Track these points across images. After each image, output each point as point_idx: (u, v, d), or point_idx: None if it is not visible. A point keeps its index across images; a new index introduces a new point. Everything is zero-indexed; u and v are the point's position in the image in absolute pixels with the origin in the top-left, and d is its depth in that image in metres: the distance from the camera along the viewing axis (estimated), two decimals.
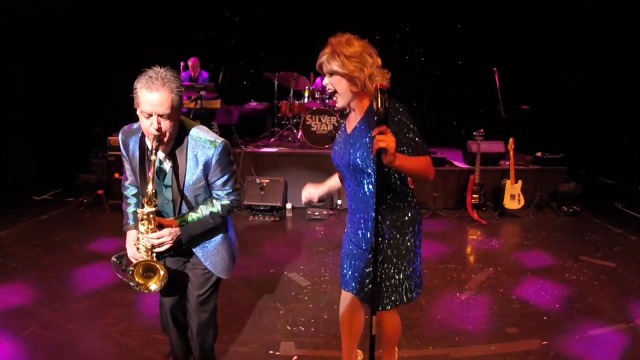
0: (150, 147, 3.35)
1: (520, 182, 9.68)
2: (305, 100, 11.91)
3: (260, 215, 9.69)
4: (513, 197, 9.68)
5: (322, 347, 4.93)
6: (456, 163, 11.02)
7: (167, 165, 3.49)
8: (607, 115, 11.81)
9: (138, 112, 3.29)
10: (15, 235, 8.24)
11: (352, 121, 3.67)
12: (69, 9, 11.04)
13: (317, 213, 9.53)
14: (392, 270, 3.63)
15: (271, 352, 4.86)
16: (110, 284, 6.35)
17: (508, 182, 9.67)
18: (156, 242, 3.43)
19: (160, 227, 3.47)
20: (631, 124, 11.21)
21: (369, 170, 3.51)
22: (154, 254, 3.53)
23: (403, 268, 3.63)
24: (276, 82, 12.34)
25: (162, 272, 3.45)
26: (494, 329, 5.37)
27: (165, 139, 3.29)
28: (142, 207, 3.40)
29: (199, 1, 14.42)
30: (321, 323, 5.44)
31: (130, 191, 3.89)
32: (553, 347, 4.97)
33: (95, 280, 6.48)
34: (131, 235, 3.71)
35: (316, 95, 11.63)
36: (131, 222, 3.79)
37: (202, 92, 9.70)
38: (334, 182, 4.18)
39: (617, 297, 6.18)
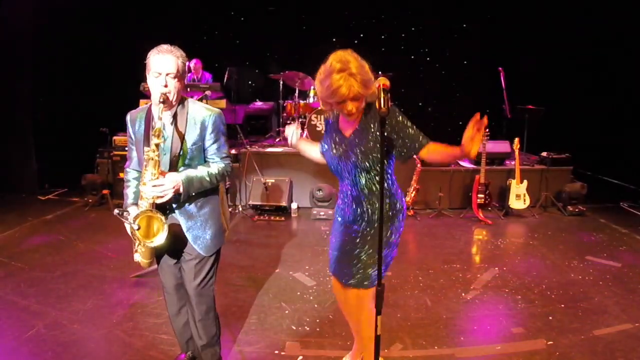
0: (157, 115, 3.56)
1: (525, 182, 9.66)
2: (311, 100, 11.88)
3: (265, 215, 9.70)
4: (518, 197, 9.66)
5: (328, 347, 4.93)
6: (462, 163, 11.00)
7: (169, 130, 3.76)
8: (613, 115, 11.78)
9: (149, 78, 3.68)
10: (20, 235, 8.26)
11: (349, 125, 3.83)
12: (74, 8, 11.05)
13: (322, 213, 9.54)
14: (369, 254, 3.83)
15: (276, 352, 4.86)
16: (115, 283, 6.37)
17: (513, 182, 9.64)
18: (158, 190, 3.60)
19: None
20: (637, 123, 11.18)
21: (366, 167, 3.70)
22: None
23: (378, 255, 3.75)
24: (281, 82, 12.34)
25: (162, 223, 3.63)
26: (499, 328, 5.36)
27: (171, 98, 3.65)
28: (148, 146, 3.64)
29: (204, 1, 14.42)
30: (327, 323, 5.43)
31: (131, 175, 4.07)
32: (558, 347, 4.96)
33: (100, 279, 6.50)
34: (130, 211, 3.86)
35: None
36: (130, 201, 4.00)
37: (207, 92, 9.68)
38: (314, 151, 4.34)
39: (623, 296, 6.16)
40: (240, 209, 9.98)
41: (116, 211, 3.73)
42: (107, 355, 4.77)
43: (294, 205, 9.96)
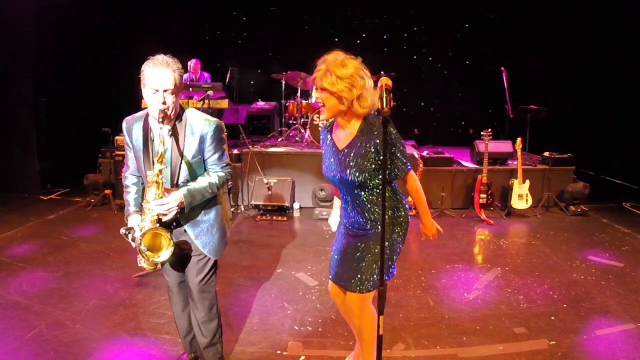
0: (156, 123, 3.59)
1: (528, 181, 9.66)
2: (313, 100, 11.88)
3: (267, 215, 9.70)
4: (521, 197, 9.66)
5: (330, 347, 4.93)
6: (464, 163, 11.01)
7: (167, 143, 3.73)
8: (616, 115, 11.77)
9: (144, 92, 3.61)
10: (22, 235, 8.27)
11: (343, 138, 3.81)
12: (77, 8, 11.06)
13: (324, 213, 9.53)
14: (370, 259, 3.81)
15: (279, 352, 4.85)
16: (118, 283, 6.37)
17: (516, 181, 9.64)
18: (163, 209, 3.61)
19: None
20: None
21: (363, 184, 3.70)
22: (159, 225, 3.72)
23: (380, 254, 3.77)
24: (284, 82, 12.33)
25: (168, 239, 3.65)
26: (501, 328, 5.35)
27: (169, 112, 3.63)
28: (152, 170, 3.63)
29: (206, 1, 14.43)
30: (329, 323, 5.43)
31: (130, 180, 4.11)
32: (561, 347, 4.95)
33: (102, 279, 6.50)
34: (133, 220, 3.94)
35: None
36: (132, 208, 4.03)
37: (209, 92, 9.68)
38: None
39: (625, 296, 6.16)
40: (243, 209, 9.98)
41: (122, 231, 3.79)
42: (110, 355, 4.77)
43: (296, 205, 9.96)
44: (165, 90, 3.55)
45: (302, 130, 11.89)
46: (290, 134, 12.33)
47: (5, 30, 10.48)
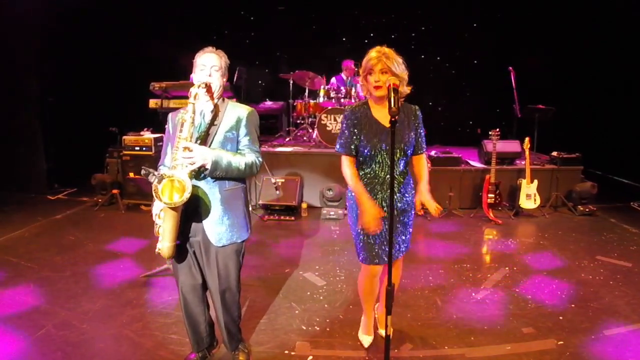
0: (199, 107, 4.05)
1: (536, 181, 9.62)
2: (321, 99, 11.86)
3: (275, 214, 9.69)
4: (529, 196, 9.63)
5: (338, 347, 4.92)
6: (472, 162, 10.98)
7: (207, 118, 4.08)
8: (623, 115, 11.72)
9: (194, 76, 4.12)
10: (29, 235, 8.29)
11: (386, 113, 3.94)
12: (83, 8, 11.07)
13: (332, 213, 9.52)
14: (408, 227, 4.48)
15: (287, 352, 4.84)
16: (125, 283, 6.38)
17: (524, 181, 9.61)
18: (188, 155, 3.77)
19: None
20: None
21: (404, 151, 4.24)
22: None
23: (410, 226, 4.54)
24: (291, 82, 12.32)
25: (186, 181, 3.74)
26: (509, 328, 5.33)
27: (214, 89, 4.06)
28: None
29: (213, 0, 14.42)
30: (337, 323, 5.42)
31: (164, 170, 4.11)
32: (569, 347, 4.93)
33: (110, 279, 6.51)
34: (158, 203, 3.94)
35: (331, 95, 11.60)
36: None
37: None
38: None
39: (633, 296, 6.12)
40: (250, 208, 9.97)
41: (143, 171, 3.82)
42: (117, 355, 4.77)
43: (304, 205, 9.94)
44: (212, 67, 4.07)
45: (310, 130, 11.87)
46: (298, 134, 12.32)
47: (10, 30, 10.50)
